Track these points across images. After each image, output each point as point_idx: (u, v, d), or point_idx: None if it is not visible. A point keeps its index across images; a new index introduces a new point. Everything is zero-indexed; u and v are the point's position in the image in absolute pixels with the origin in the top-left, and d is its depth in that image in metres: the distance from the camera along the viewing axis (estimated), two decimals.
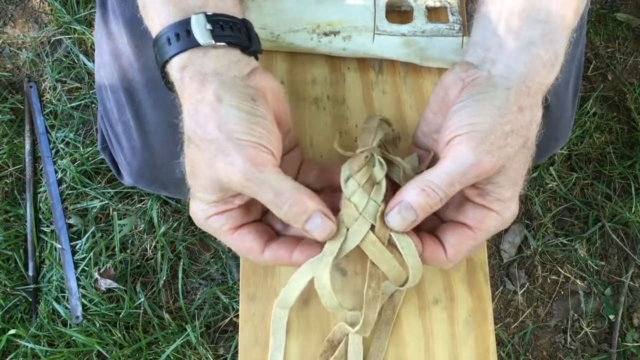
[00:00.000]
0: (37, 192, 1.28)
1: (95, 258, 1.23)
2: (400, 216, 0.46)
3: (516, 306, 1.31)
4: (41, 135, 1.31)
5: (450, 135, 0.45)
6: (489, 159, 0.44)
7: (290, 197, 0.45)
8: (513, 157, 0.45)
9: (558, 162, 1.38)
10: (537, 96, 0.46)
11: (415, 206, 0.45)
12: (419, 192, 0.45)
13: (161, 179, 0.69)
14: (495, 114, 0.44)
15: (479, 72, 0.47)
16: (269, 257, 0.48)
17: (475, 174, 0.44)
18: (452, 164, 0.44)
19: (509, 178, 0.46)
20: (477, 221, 0.47)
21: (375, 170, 0.50)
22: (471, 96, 0.46)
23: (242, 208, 0.48)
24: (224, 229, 0.47)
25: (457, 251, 0.48)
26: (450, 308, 0.60)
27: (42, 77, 1.36)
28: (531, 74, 0.46)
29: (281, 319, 0.58)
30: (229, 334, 1.23)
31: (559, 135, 0.74)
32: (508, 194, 0.46)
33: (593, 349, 1.30)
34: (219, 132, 0.44)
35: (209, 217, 0.47)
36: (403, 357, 0.59)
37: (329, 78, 0.65)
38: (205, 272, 1.26)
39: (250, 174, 0.43)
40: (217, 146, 0.44)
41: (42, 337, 1.19)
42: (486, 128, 0.44)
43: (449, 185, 0.44)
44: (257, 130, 0.45)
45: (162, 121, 0.65)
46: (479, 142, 0.44)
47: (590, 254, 1.34)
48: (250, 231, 0.48)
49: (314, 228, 0.46)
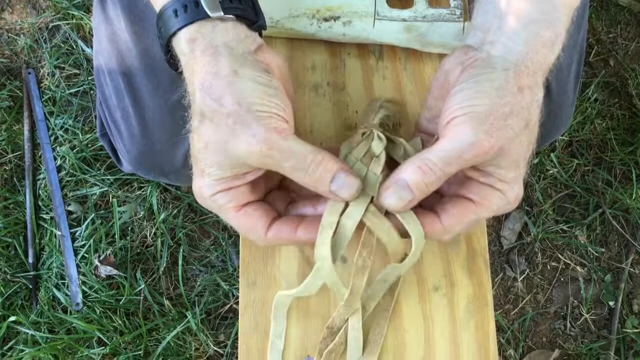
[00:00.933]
0: (36, 179, 1.28)
1: (95, 245, 1.24)
2: (396, 195, 0.46)
3: (516, 292, 1.31)
4: (40, 122, 1.30)
5: (449, 117, 0.45)
6: (488, 139, 0.43)
7: (313, 159, 0.45)
8: (513, 138, 0.44)
9: (559, 149, 1.37)
10: (537, 76, 0.46)
11: (411, 184, 0.45)
12: (415, 170, 0.45)
13: (160, 166, 0.69)
14: (494, 95, 0.44)
15: (478, 54, 0.47)
16: (272, 235, 0.48)
17: (473, 154, 0.44)
18: (450, 143, 0.44)
19: (510, 160, 0.45)
20: (480, 196, 0.47)
21: (374, 144, 0.51)
22: (470, 78, 0.46)
23: (249, 186, 0.48)
24: (229, 207, 0.47)
25: (457, 222, 0.48)
26: (450, 294, 0.60)
27: (41, 64, 1.35)
28: (531, 54, 0.46)
29: (284, 306, 0.58)
30: (229, 321, 1.23)
31: (560, 121, 0.73)
32: (510, 176, 0.46)
33: (593, 335, 1.30)
34: (238, 105, 0.44)
35: (214, 194, 0.47)
36: (403, 343, 0.59)
37: (329, 64, 0.65)
38: (205, 259, 1.26)
39: (273, 142, 0.43)
40: (236, 119, 0.44)
41: (42, 324, 1.19)
42: (485, 109, 0.44)
43: (446, 164, 0.44)
44: (274, 101, 0.45)
45: (161, 108, 0.65)
46: (478, 122, 0.43)
47: (590, 240, 1.35)
48: (256, 209, 0.48)
49: (340, 187, 0.46)
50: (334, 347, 0.57)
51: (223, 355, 1.22)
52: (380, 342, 0.58)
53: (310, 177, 0.45)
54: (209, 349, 1.21)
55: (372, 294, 0.55)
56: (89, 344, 1.19)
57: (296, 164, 0.45)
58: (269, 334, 0.58)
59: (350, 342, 0.56)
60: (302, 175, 0.45)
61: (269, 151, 0.44)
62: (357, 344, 0.56)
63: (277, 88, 0.46)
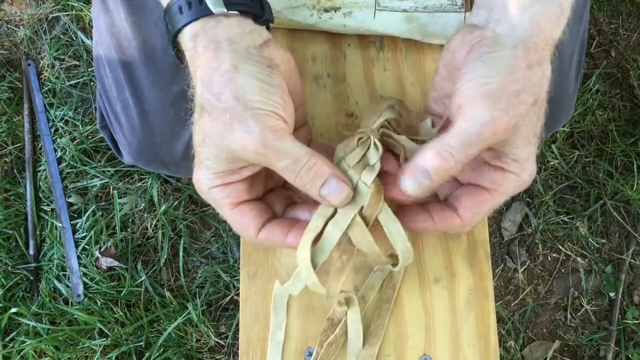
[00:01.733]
0: (36, 170, 1.28)
1: (96, 237, 1.24)
2: (414, 180, 0.45)
3: (517, 284, 1.31)
4: (40, 114, 1.30)
5: (462, 98, 0.45)
6: (504, 116, 0.43)
7: (306, 162, 0.45)
8: (525, 115, 0.44)
9: (560, 140, 1.37)
10: (544, 51, 0.46)
11: (430, 170, 0.44)
12: (434, 155, 0.44)
13: (161, 158, 0.69)
14: (504, 72, 0.44)
15: (485, 32, 0.46)
16: (263, 237, 0.48)
17: (491, 132, 0.43)
18: (466, 124, 0.44)
19: (523, 137, 0.45)
20: (495, 184, 0.47)
21: (370, 153, 0.50)
22: (479, 57, 0.45)
23: (247, 183, 0.48)
24: (225, 202, 0.47)
25: (475, 214, 0.48)
26: (451, 286, 0.60)
27: (40, 55, 1.35)
28: (537, 30, 0.45)
29: (283, 297, 0.58)
30: (230, 312, 1.24)
31: (561, 112, 0.73)
32: (524, 154, 0.46)
33: (593, 327, 1.31)
34: (236, 100, 0.44)
35: (212, 187, 0.47)
36: (404, 335, 0.59)
37: (330, 55, 0.65)
38: (206, 251, 1.26)
39: (267, 140, 0.43)
40: (233, 115, 0.44)
41: (43, 316, 1.19)
42: (497, 87, 0.43)
43: (466, 146, 0.43)
44: (273, 99, 0.45)
45: (161, 99, 0.65)
46: (492, 101, 0.43)
47: (591, 231, 1.35)
48: (251, 209, 0.48)
49: (330, 192, 0.46)
50: (335, 339, 0.57)
51: (224, 346, 1.22)
52: (381, 334, 0.58)
53: (301, 180, 0.45)
54: (210, 340, 1.21)
55: (371, 285, 0.55)
56: (90, 335, 1.19)
57: (289, 166, 0.45)
58: (270, 325, 0.58)
59: (351, 334, 0.56)
60: (294, 177, 0.45)
61: (263, 150, 0.43)
62: (357, 335, 0.56)
63: (279, 86, 0.46)
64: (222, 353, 1.22)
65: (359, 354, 0.56)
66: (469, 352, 0.59)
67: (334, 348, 0.57)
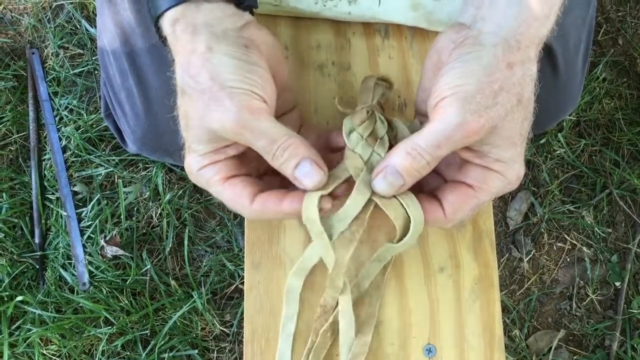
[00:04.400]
0: (41, 159, 1.28)
1: (101, 225, 1.24)
2: (386, 181, 0.46)
3: (522, 273, 1.31)
4: (44, 102, 1.30)
5: (437, 99, 0.45)
6: (476, 119, 0.43)
7: (282, 142, 0.45)
8: (505, 116, 0.44)
9: (566, 129, 1.36)
10: (529, 50, 0.45)
11: (401, 170, 0.45)
12: (404, 156, 0.44)
13: (165, 146, 0.69)
14: (482, 73, 0.43)
15: (470, 32, 0.46)
16: (257, 207, 0.47)
17: (462, 134, 0.43)
18: (437, 125, 0.44)
19: (504, 138, 0.44)
20: (478, 181, 0.47)
21: (378, 126, 0.50)
22: (459, 57, 0.45)
23: (235, 160, 0.48)
24: (215, 179, 0.47)
25: (457, 209, 0.47)
26: (455, 275, 0.60)
27: (45, 44, 1.35)
28: (522, 28, 0.45)
29: (295, 289, 0.58)
30: (235, 301, 1.24)
31: (568, 101, 0.73)
32: (507, 154, 0.45)
33: (598, 316, 1.31)
34: (212, 81, 0.44)
35: (201, 168, 0.47)
36: (408, 325, 0.59)
37: (334, 43, 0.64)
38: (211, 240, 1.26)
39: (244, 121, 0.43)
40: (210, 95, 0.44)
41: (49, 304, 1.20)
42: (472, 89, 0.43)
43: (435, 147, 0.43)
44: (250, 77, 0.44)
45: (165, 88, 0.65)
46: (464, 102, 0.43)
47: (597, 221, 1.34)
48: (242, 180, 0.48)
49: (303, 175, 0.46)
50: (329, 327, 0.57)
51: (229, 334, 1.22)
52: (373, 322, 0.57)
53: (276, 160, 0.45)
54: (215, 328, 1.21)
55: (366, 274, 0.55)
56: (95, 324, 1.20)
57: (265, 146, 0.45)
58: (274, 314, 0.59)
59: (342, 324, 0.56)
60: (270, 158, 0.45)
61: (239, 130, 0.44)
62: (348, 324, 0.56)
63: (255, 63, 0.45)
64: (227, 341, 1.22)
65: (351, 343, 0.56)
66: (474, 341, 0.59)
67: (330, 336, 0.57)
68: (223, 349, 1.22)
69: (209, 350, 1.22)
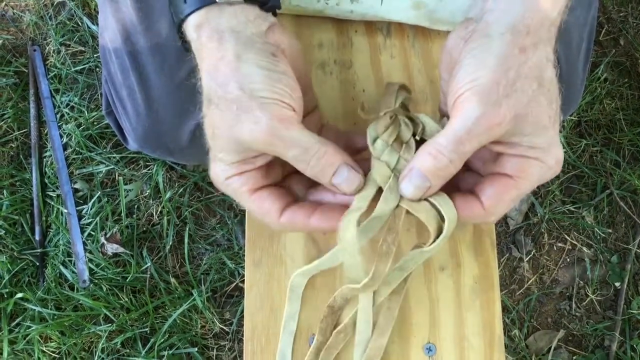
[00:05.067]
0: (42, 156, 1.28)
1: (102, 223, 1.24)
2: (412, 184, 0.45)
3: (522, 273, 1.31)
4: (46, 100, 1.30)
5: (454, 97, 0.44)
6: (496, 109, 0.42)
7: (316, 151, 0.44)
8: (528, 102, 0.43)
9: (567, 129, 1.36)
10: (540, 32, 0.44)
11: (425, 172, 0.44)
12: (426, 157, 0.44)
13: (166, 145, 0.69)
14: (495, 63, 0.43)
15: (478, 25, 0.45)
16: (285, 220, 0.47)
17: (484, 127, 0.42)
18: (456, 122, 0.43)
19: (533, 124, 0.43)
20: (516, 170, 0.45)
21: (403, 130, 0.49)
22: (469, 52, 0.44)
23: (262, 169, 0.48)
24: (243, 190, 0.47)
25: (497, 202, 0.45)
26: (456, 275, 0.60)
27: (46, 41, 1.35)
28: (529, 12, 0.44)
29: (299, 287, 0.58)
30: (235, 299, 1.24)
31: (569, 101, 0.73)
32: (540, 140, 0.44)
33: (598, 316, 1.31)
34: (241, 91, 0.43)
35: (228, 178, 0.47)
36: (408, 323, 0.59)
37: (336, 42, 0.64)
38: (211, 238, 1.26)
39: (275, 130, 0.43)
40: (239, 105, 0.43)
41: (49, 301, 1.20)
42: (488, 80, 0.42)
43: (457, 143, 0.43)
44: (279, 87, 0.44)
45: (166, 86, 0.64)
46: (483, 95, 0.42)
47: (597, 221, 1.34)
48: (270, 193, 0.47)
49: (342, 181, 0.45)
50: (343, 328, 0.56)
51: (229, 332, 1.22)
52: (390, 326, 0.57)
53: (312, 169, 0.45)
54: (214, 326, 1.21)
55: (388, 281, 0.54)
56: (95, 321, 1.20)
57: (298, 155, 0.44)
58: (274, 312, 0.58)
59: (360, 324, 0.56)
60: (304, 166, 0.45)
61: (271, 140, 0.43)
62: (367, 325, 0.56)
63: (284, 72, 0.45)
64: (227, 339, 1.22)
65: (367, 345, 0.56)
66: (474, 340, 0.59)
67: (342, 337, 0.57)
68: (222, 347, 1.22)
69: (209, 348, 1.22)
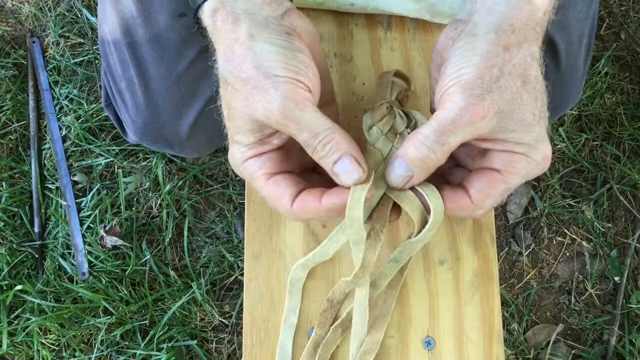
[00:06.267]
0: (41, 148, 1.28)
1: (101, 215, 1.24)
2: (394, 173, 0.46)
3: (521, 267, 1.31)
4: (45, 92, 1.30)
5: (441, 92, 0.45)
6: (480, 102, 0.42)
7: (324, 137, 0.44)
8: (512, 99, 0.43)
9: (567, 123, 1.36)
10: (525, 31, 0.45)
11: (407, 161, 0.45)
12: (409, 147, 0.44)
13: (165, 137, 0.69)
14: (479, 60, 0.43)
15: (466, 25, 0.46)
16: (297, 207, 0.47)
17: (467, 119, 0.42)
18: (441, 113, 0.43)
19: (518, 121, 0.44)
20: (504, 165, 0.46)
21: (397, 121, 0.51)
22: (455, 51, 0.45)
23: (280, 153, 0.48)
24: (260, 174, 0.47)
25: (485, 195, 0.46)
26: (455, 268, 0.60)
27: (45, 32, 1.34)
28: (514, 12, 0.44)
29: (299, 281, 0.58)
30: (234, 292, 1.24)
31: (569, 95, 0.73)
32: (527, 137, 0.44)
33: (597, 310, 1.31)
34: (256, 70, 0.43)
35: (246, 160, 0.47)
36: (408, 317, 0.59)
37: (336, 35, 0.64)
38: (211, 231, 1.26)
39: (289, 111, 0.43)
40: (254, 84, 0.43)
41: (48, 293, 1.20)
42: (472, 76, 0.43)
43: (439, 134, 0.43)
44: (294, 64, 0.44)
45: (166, 78, 0.64)
46: (466, 88, 0.43)
47: (597, 215, 1.34)
48: (285, 178, 0.47)
49: (342, 171, 0.45)
50: (341, 322, 0.57)
51: (228, 325, 1.23)
52: (387, 320, 0.57)
53: (316, 153, 0.45)
54: (214, 319, 1.22)
55: (384, 273, 0.54)
56: (95, 314, 1.20)
57: (307, 139, 0.44)
58: (274, 305, 0.59)
59: (356, 318, 0.56)
60: (311, 150, 0.45)
61: (283, 120, 0.43)
62: (362, 320, 0.56)
63: (299, 50, 0.45)
64: (226, 332, 1.23)
65: (363, 339, 0.56)
66: (473, 334, 0.59)
67: (340, 332, 0.57)
68: (222, 340, 1.22)
69: (208, 341, 1.22)
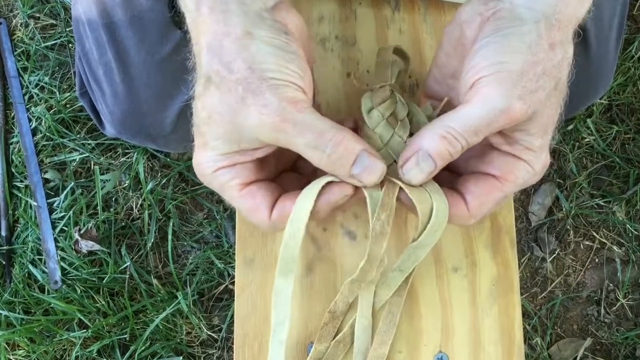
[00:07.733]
0: (9, 142, 1.28)
1: (75, 217, 1.24)
2: (418, 168, 0.45)
3: (545, 274, 1.32)
4: (12, 79, 1.30)
5: (475, 77, 0.44)
6: (521, 105, 0.43)
7: (333, 136, 0.43)
8: (544, 101, 0.44)
9: (596, 114, 1.36)
10: (567, 30, 0.45)
11: (434, 155, 0.44)
12: (439, 139, 0.44)
13: (147, 130, 0.69)
14: (527, 52, 0.43)
15: (501, 3, 0.46)
16: (276, 215, 0.47)
17: (504, 121, 0.43)
18: (478, 110, 0.43)
19: (540, 125, 0.45)
20: (504, 171, 0.46)
21: (399, 107, 0.50)
22: (496, 31, 0.45)
23: (256, 162, 0.47)
24: (233, 184, 0.46)
25: (481, 203, 0.47)
26: (471, 276, 0.60)
27: (13, 13, 1.34)
28: (560, 5, 0.44)
29: (284, 291, 0.58)
30: (224, 303, 1.24)
31: (599, 83, 0.73)
32: (538, 143, 0.45)
33: (629, 323, 1.31)
34: (250, 71, 0.43)
35: (217, 170, 0.46)
36: (418, 330, 0.59)
37: (338, 15, 0.64)
38: (198, 234, 1.26)
39: (287, 113, 0.42)
40: (247, 87, 0.43)
41: (17, 304, 1.20)
42: (517, 68, 0.43)
43: (473, 133, 0.43)
44: (291, 68, 0.44)
45: (148, 63, 0.64)
46: (510, 85, 0.43)
47: (629, 217, 1.34)
48: (260, 187, 0.47)
49: (363, 170, 0.44)
50: (342, 337, 0.57)
51: (217, 340, 1.23)
52: (392, 333, 0.57)
53: (329, 157, 0.44)
54: (201, 333, 1.22)
55: (388, 282, 0.54)
56: (68, 327, 1.20)
57: (311, 142, 0.43)
58: (268, 317, 0.59)
59: (358, 330, 0.56)
60: (319, 154, 0.44)
61: (282, 124, 0.42)
62: (366, 332, 0.56)
63: (295, 53, 0.45)
64: (215, 347, 1.23)
65: (366, 353, 0.56)
66: (491, 349, 0.59)
67: (342, 347, 0.57)
68: (210, 356, 1.23)
69: (195, 357, 1.22)
